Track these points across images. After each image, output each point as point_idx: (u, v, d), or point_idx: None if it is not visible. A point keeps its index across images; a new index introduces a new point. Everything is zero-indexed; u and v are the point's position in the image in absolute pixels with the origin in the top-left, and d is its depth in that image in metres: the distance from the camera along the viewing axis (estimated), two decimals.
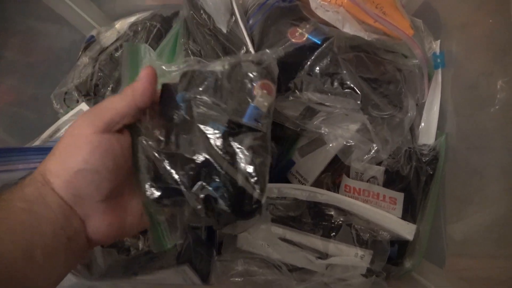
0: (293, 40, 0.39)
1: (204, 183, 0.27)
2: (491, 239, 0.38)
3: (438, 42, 0.44)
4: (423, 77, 0.43)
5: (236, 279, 0.44)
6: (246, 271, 0.44)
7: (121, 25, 0.57)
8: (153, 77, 0.28)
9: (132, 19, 0.56)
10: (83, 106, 0.51)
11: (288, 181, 0.49)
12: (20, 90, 0.56)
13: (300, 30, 0.40)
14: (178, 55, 0.47)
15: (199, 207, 0.27)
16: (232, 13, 0.43)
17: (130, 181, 0.29)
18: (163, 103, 0.30)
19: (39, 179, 0.25)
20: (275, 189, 0.43)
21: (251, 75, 0.29)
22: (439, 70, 0.44)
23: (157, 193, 0.27)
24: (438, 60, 0.44)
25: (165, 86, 0.30)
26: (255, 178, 0.27)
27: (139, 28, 0.53)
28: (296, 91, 0.40)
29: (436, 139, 0.45)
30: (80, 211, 0.26)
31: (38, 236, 0.23)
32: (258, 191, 0.27)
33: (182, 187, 0.27)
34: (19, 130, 0.53)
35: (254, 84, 0.28)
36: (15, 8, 0.52)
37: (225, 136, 0.27)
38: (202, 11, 0.44)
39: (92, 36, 0.57)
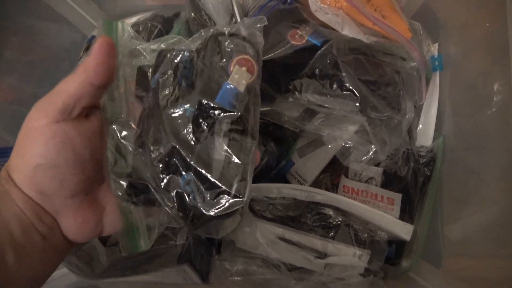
0: (293, 42, 0.40)
1: (174, 176, 0.23)
2: (489, 239, 0.38)
3: (436, 45, 0.45)
4: (421, 79, 0.43)
5: (236, 278, 0.44)
6: (246, 270, 0.44)
7: None
8: (107, 49, 0.24)
9: (133, 19, 0.56)
10: None
11: (287, 181, 0.49)
12: (20, 89, 0.56)
13: (300, 32, 0.40)
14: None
15: (171, 205, 0.23)
16: (232, 15, 0.44)
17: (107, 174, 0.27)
18: (138, 88, 0.27)
19: (3, 176, 0.24)
20: (274, 189, 0.44)
21: (227, 49, 0.25)
22: (437, 73, 0.45)
23: (122, 189, 0.25)
24: (436, 63, 0.44)
25: (140, 69, 0.27)
26: (232, 170, 0.23)
27: (140, 29, 0.53)
28: (296, 92, 0.40)
29: (433, 140, 0.45)
30: (49, 208, 0.24)
31: (5, 235, 0.22)
32: (235, 185, 0.23)
33: (151, 182, 0.24)
34: (19, 128, 0.54)
35: (231, 59, 0.25)
36: (15, 7, 0.52)
37: (195, 121, 0.23)
38: (203, 12, 0.44)
39: (94, 36, 0.57)
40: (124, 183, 0.25)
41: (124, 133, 0.25)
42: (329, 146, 0.44)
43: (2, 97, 0.54)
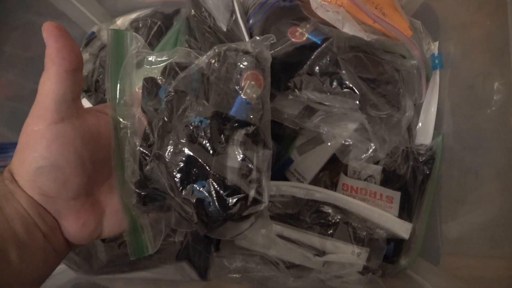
0: (293, 39, 0.40)
1: (195, 186, 0.24)
2: (486, 238, 0.38)
3: (437, 43, 0.45)
4: (421, 77, 0.43)
5: (234, 275, 0.44)
6: (244, 268, 0.44)
7: (122, 21, 0.57)
8: (57, 31, 0.24)
9: (133, 15, 0.56)
10: (84, 102, 0.51)
11: (286, 179, 0.49)
12: (19, 84, 0.55)
13: (300, 30, 0.40)
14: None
15: (191, 212, 0.24)
16: (233, 12, 0.44)
17: (106, 177, 0.27)
18: (146, 99, 0.27)
19: (7, 177, 0.24)
20: (273, 186, 0.43)
21: (240, 65, 0.27)
22: (437, 71, 0.45)
23: (142, 197, 0.25)
24: (436, 61, 0.44)
25: (147, 80, 0.28)
26: (250, 177, 0.24)
27: (140, 25, 0.53)
28: (296, 90, 0.40)
29: (433, 139, 0.45)
30: (51, 210, 0.24)
31: (9, 234, 0.22)
32: (254, 190, 0.24)
33: (171, 192, 0.25)
34: (19, 124, 0.54)
35: (242, 75, 0.26)
36: (15, 2, 0.52)
37: (211, 132, 0.25)
38: (203, 9, 0.44)
39: (93, 33, 0.57)
40: (141, 192, 0.26)
41: (137, 143, 0.26)
42: (329, 144, 0.44)
43: (1, 93, 0.54)
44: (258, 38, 0.28)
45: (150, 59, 0.29)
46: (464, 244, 0.41)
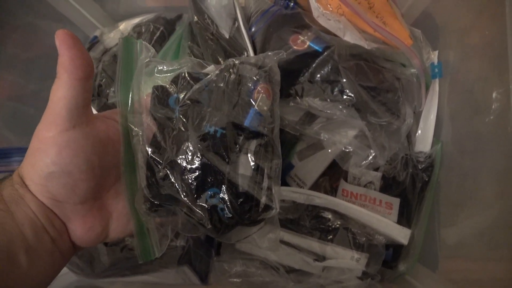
0: (294, 47, 0.40)
1: (209, 193, 0.25)
2: (484, 242, 0.39)
3: (436, 52, 0.45)
4: (420, 86, 0.44)
5: (234, 279, 0.45)
6: (244, 272, 0.45)
7: (125, 26, 0.57)
8: (70, 39, 0.24)
9: (135, 20, 0.56)
10: None
11: (287, 184, 0.50)
12: (20, 85, 0.56)
13: (302, 38, 0.41)
14: (181, 58, 0.48)
15: (204, 218, 0.25)
16: (235, 19, 0.44)
17: (113, 181, 0.28)
18: (156, 107, 0.28)
19: (17, 181, 0.25)
20: None
21: (253, 78, 0.28)
22: (437, 80, 0.45)
23: (154, 204, 0.26)
24: (436, 70, 0.45)
25: (157, 88, 0.28)
26: (262, 185, 0.25)
27: (143, 30, 0.53)
28: (297, 97, 0.41)
29: (432, 146, 0.46)
30: (60, 214, 0.25)
31: (20, 239, 0.22)
32: (265, 197, 0.26)
33: (185, 198, 0.25)
34: (19, 125, 0.54)
35: (255, 88, 0.27)
36: (15, 2, 0.52)
37: (226, 141, 0.26)
38: (205, 16, 0.45)
39: (96, 37, 0.58)
40: (153, 200, 0.26)
41: (150, 150, 0.27)
42: (329, 150, 0.45)
43: (2, 93, 0.54)
44: (270, 53, 0.29)
45: (160, 68, 0.30)
46: (463, 248, 0.42)
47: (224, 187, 0.25)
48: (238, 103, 0.27)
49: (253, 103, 0.27)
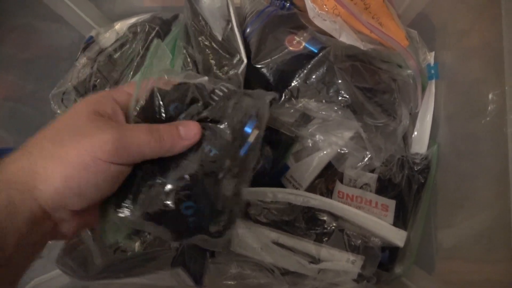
0: (290, 48, 0.40)
1: (191, 204, 0.27)
2: (480, 244, 0.39)
3: (433, 53, 0.45)
4: (416, 87, 0.44)
5: (229, 282, 0.45)
6: (239, 274, 0.44)
7: (121, 26, 0.57)
8: (193, 136, 0.27)
9: (131, 20, 0.56)
10: None
11: (282, 186, 0.49)
12: (18, 86, 0.55)
13: (297, 38, 0.41)
14: (176, 58, 0.48)
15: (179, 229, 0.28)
16: (229, 20, 0.44)
17: None
18: (153, 110, 0.28)
19: (23, 180, 0.24)
20: (269, 193, 0.44)
21: (251, 113, 0.29)
22: (433, 81, 0.45)
23: (133, 213, 0.27)
24: (432, 71, 0.44)
25: (158, 93, 0.28)
26: (231, 202, 0.28)
27: (138, 30, 0.53)
28: (292, 98, 0.40)
29: (428, 148, 0.46)
30: (59, 216, 0.25)
31: (15, 233, 0.22)
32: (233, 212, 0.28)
33: (157, 211, 0.27)
34: (17, 126, 0.53)
35: (252, 123, 0.29)
36: (13, 3, 0.52)
37: (221, 160, 0.27)
38: (200, 17, 0.44)
39: (91, 37, 0.57)
40: (136, 214, 0.27)
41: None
42: (325, 152, 0.44)
43: (0, 93, 0.54)
44: (266, 93, 0.31)
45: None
46: (459, 250, 0.42)
47: (201, 204, 0.27)
48: (238, 133, 0.29)
49: (248, 137, 0.29)
